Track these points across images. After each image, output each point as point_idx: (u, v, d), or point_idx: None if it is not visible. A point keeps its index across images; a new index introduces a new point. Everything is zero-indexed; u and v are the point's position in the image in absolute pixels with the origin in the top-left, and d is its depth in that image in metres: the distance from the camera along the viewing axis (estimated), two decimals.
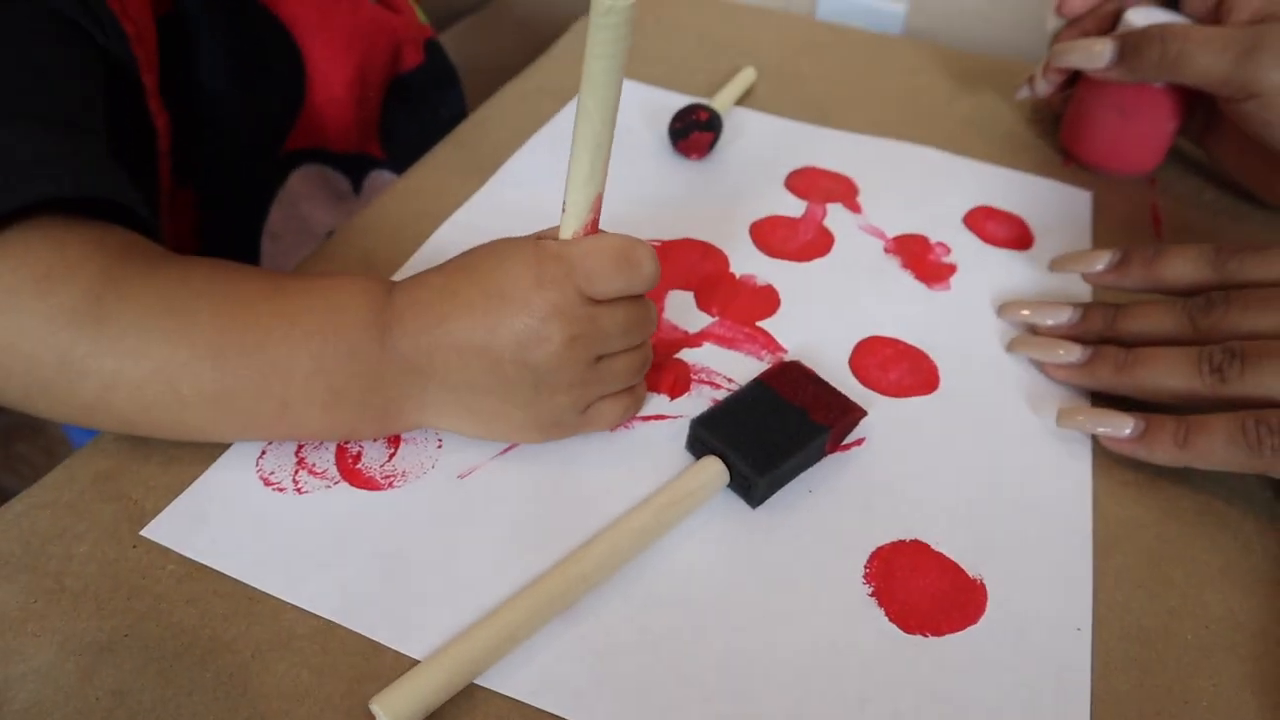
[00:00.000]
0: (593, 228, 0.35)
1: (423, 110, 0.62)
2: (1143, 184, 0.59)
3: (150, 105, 0.45)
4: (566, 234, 0.35)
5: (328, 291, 0.36)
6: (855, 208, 0.55)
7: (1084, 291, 0.50)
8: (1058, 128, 0.63)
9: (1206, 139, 0.59)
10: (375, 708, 0.29)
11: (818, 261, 0.51)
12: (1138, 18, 0.54)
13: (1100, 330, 0.45)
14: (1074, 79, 0.59)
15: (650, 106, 0.61)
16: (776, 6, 1.01)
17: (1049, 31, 0.60)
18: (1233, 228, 0.57)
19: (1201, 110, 0.58)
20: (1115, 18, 0.57)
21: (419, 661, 0.31)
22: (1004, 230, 0.54)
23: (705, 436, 0.38)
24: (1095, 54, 0.54)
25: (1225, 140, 0.57)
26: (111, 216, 0.37)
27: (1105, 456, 0.41)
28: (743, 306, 0.47)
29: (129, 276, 0.34)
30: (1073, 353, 0.44)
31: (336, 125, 0.58)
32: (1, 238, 0.33)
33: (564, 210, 0.35)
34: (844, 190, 0.56)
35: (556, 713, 0.30)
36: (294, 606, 0.33)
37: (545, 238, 0.35)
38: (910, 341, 0.46)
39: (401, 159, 0.60)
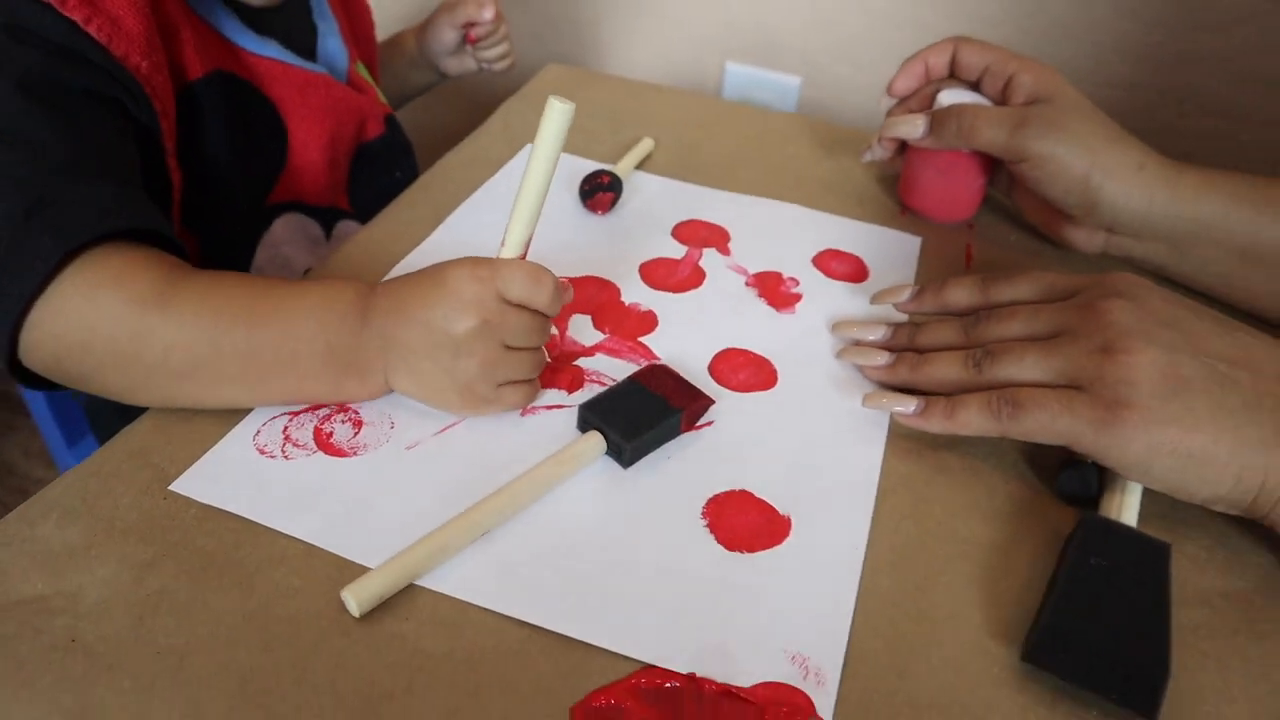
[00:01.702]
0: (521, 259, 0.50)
1: (382, 173, 0.76)
2: (963, 229, 0.74)
3: (169, 164, 0.59)
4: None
5: (327, 283, 0.51)
6: (726, 251, 0.69)
7: (901, 316, 0.63)
8: (897, 185, 0.77)
9: (1012, 192, 0.73)
10: (344, 594, 0.41)
11: (691, 293, 0.64)
12: (946, 98, 0.69)
13: (904, 343, 0.59)
14: (905, 145, 0.74)
15: (565, 170, 0.75)
16: (688, 84, 1.16)
17: (883, 109, 0.74)
18: (1031, 261, 0.71)
19: (1005, 170, 0.72)
20: (934, 98, 0.71)
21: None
22: (845, 268, 0.68)
23: (588, 416, 0.51)
24: (914, 126, 0.69)
25: (1022, 193, 0.72)
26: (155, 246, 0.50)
27: (897, 432, 0.54)
28: (629, 327, 0.60)
29: (181, 275, 0.48)
30: (882, 358, 0.58)
31: (312, 183, 0.71)
32: (85, 255, 0.47)
33: (503, 244, 0.50)
34: (718, 237, 0.70)
35: (473, 601, 0.43)
36: (285, 535, 0.45)
37: None
38: (758, 352, 0.60)
39: (365, 212, 0.74)
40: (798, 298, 0.65)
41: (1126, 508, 0.49)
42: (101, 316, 0.46)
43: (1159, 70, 1.03)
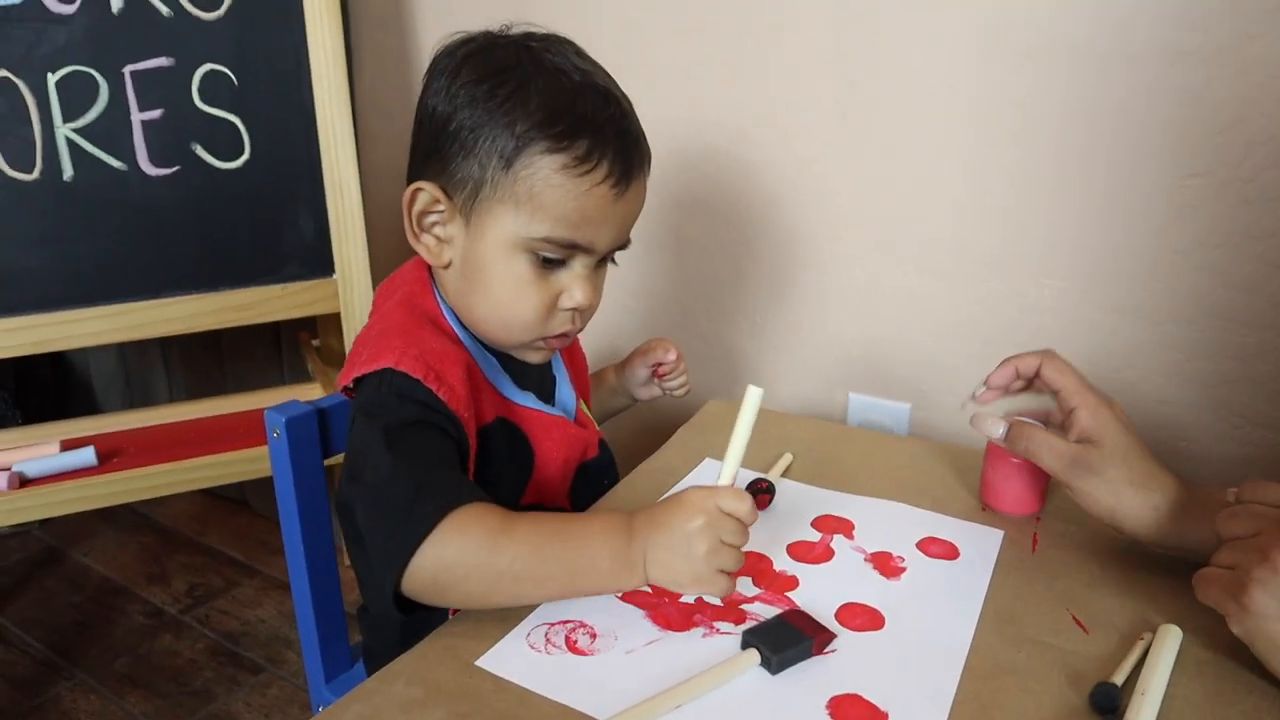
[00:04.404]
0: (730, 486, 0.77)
1: (596, 481, 1.04)
2: (1031, 521, 0.96)
3: (470, 472, 0.88)
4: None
5: (605, 515, 0.78)
6: (850, 537, 0.93)
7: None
8: (979, 488, 1.01)
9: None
10: None
11: (822, 565, 0.88)
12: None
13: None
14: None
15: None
16: (820, 409, 1.44)
17: (968, 410, 0.97)
18: (1091, 544, 0.92)
19: None
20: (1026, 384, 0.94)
21: None
22: (940, 549, 0.91)
23: (749, 638, 0.74)
24: (996, 427, 0.92)
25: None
26: None
27: (967, 665, 0.75)
28: (778, 586, 0.84)
29: (510, 515, 0.76)
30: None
31: (548, 490, 1.00)
32: (451, 515, 0.74)
33: (719, 478, 0.77)
34: (845, 527, 0.95)
35: None
36: (549, 699, 0.69)
37: None
38: (872, 606, 0.82)
39: (582, 508, 1.02)
40: (902, 570, 0.88)
41: (1144, 717, 0.68)
42: (468, 542, 0.74)
43: None
